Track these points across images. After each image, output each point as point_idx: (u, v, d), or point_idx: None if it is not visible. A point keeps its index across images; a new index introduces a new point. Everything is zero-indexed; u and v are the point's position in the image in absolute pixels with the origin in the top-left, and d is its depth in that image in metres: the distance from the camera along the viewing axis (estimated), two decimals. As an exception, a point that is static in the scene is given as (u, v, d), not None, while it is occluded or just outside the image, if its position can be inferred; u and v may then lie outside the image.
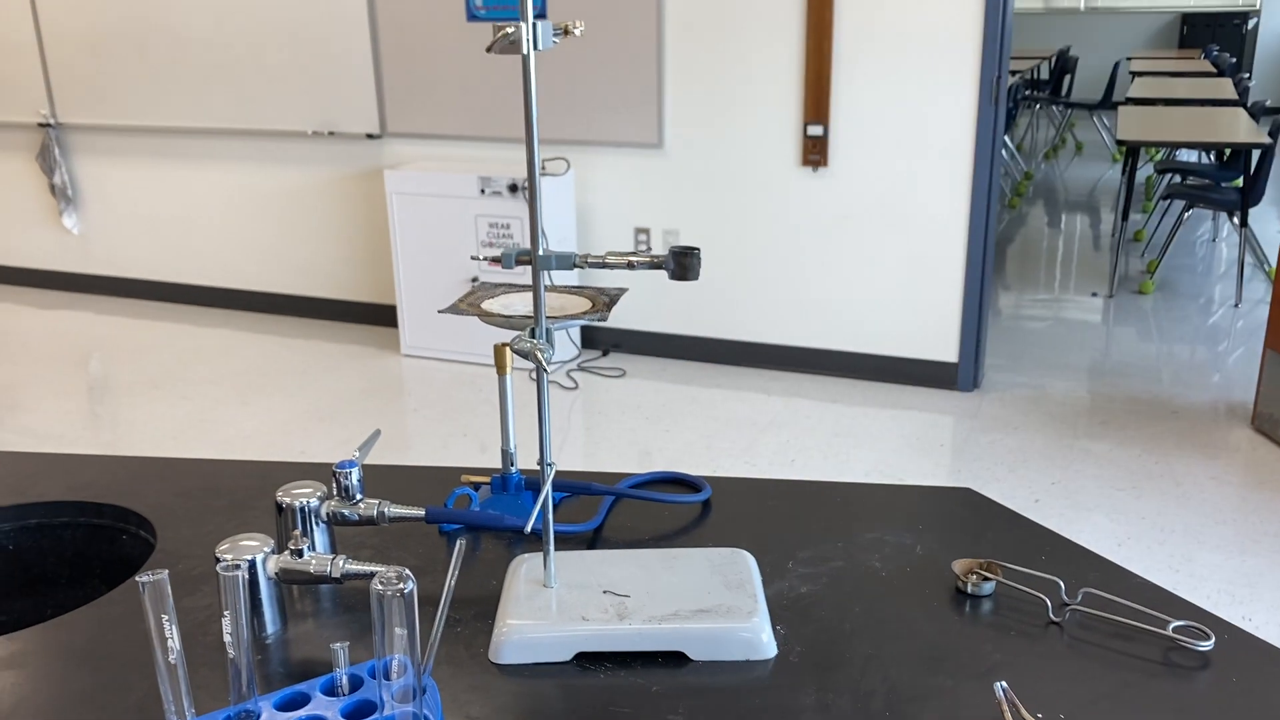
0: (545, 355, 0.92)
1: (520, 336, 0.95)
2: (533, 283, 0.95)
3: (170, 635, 0.72)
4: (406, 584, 0.70)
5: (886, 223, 4.04)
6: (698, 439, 3.71)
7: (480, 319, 1.00)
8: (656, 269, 0.95)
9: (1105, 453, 3.56)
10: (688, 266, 0.95)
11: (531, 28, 0.84)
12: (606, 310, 1.04)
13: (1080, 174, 8.51)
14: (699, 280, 4.35)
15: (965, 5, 3.72)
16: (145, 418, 4.00)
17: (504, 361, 1.16)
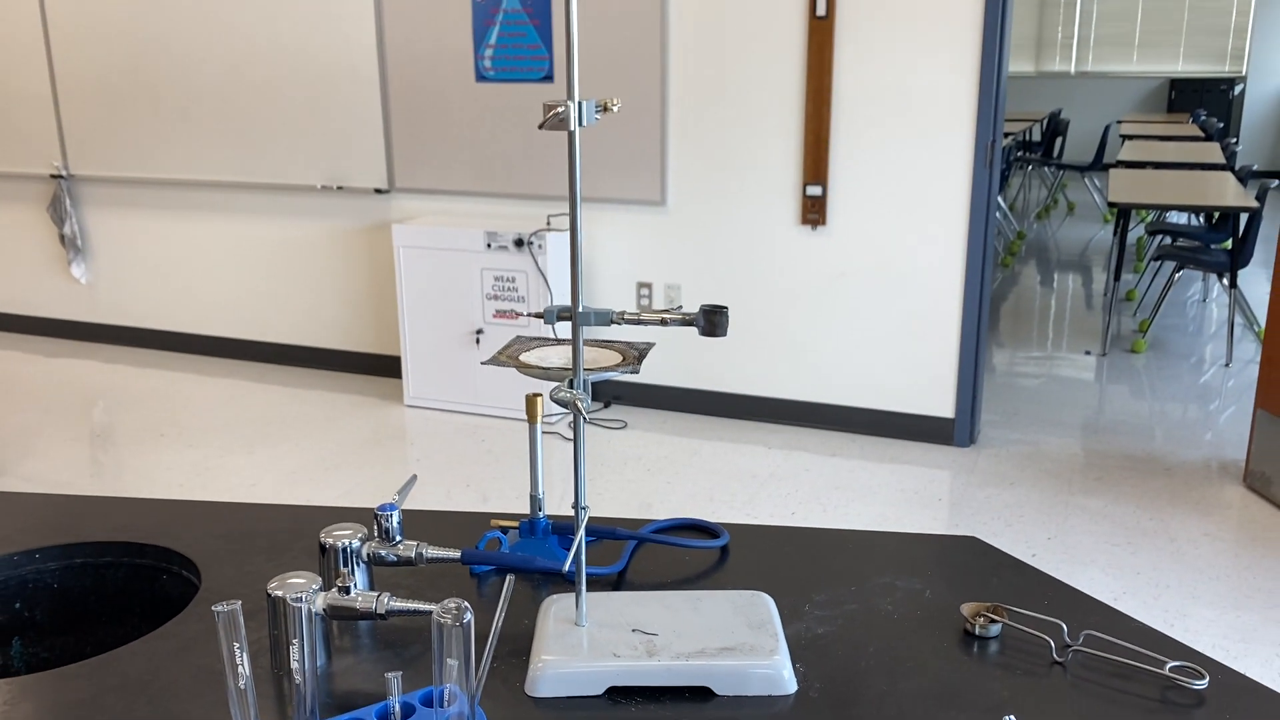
0: (584, 404, 0.99)
1: (560, 387, 1.02)
2: (572, 337, 1.02)
3: (241, 662, 0.78)
4: (465, 615, 0.75)
5: (884, 280, 4.12)
6: (699, 491, 3.76)
7: (519, 370, 1.07)
8: (688, 326, 1.02)
9: (1100, 509, 3.62)
10: (717, 323, 1.01)
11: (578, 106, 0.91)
12: (638, 364, 1.10)
13: (1072, 234, 8.65)
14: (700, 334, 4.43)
15: (961, 70, 3.84)
16: (151, 465, 4.05)
17: (535, 412, 1.22)
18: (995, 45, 3.80)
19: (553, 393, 1.01)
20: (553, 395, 1.01)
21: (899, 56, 3.91)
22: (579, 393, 1.01)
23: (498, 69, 4.45)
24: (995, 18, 3.77)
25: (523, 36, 4.37)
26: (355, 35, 4.63)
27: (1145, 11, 11.15)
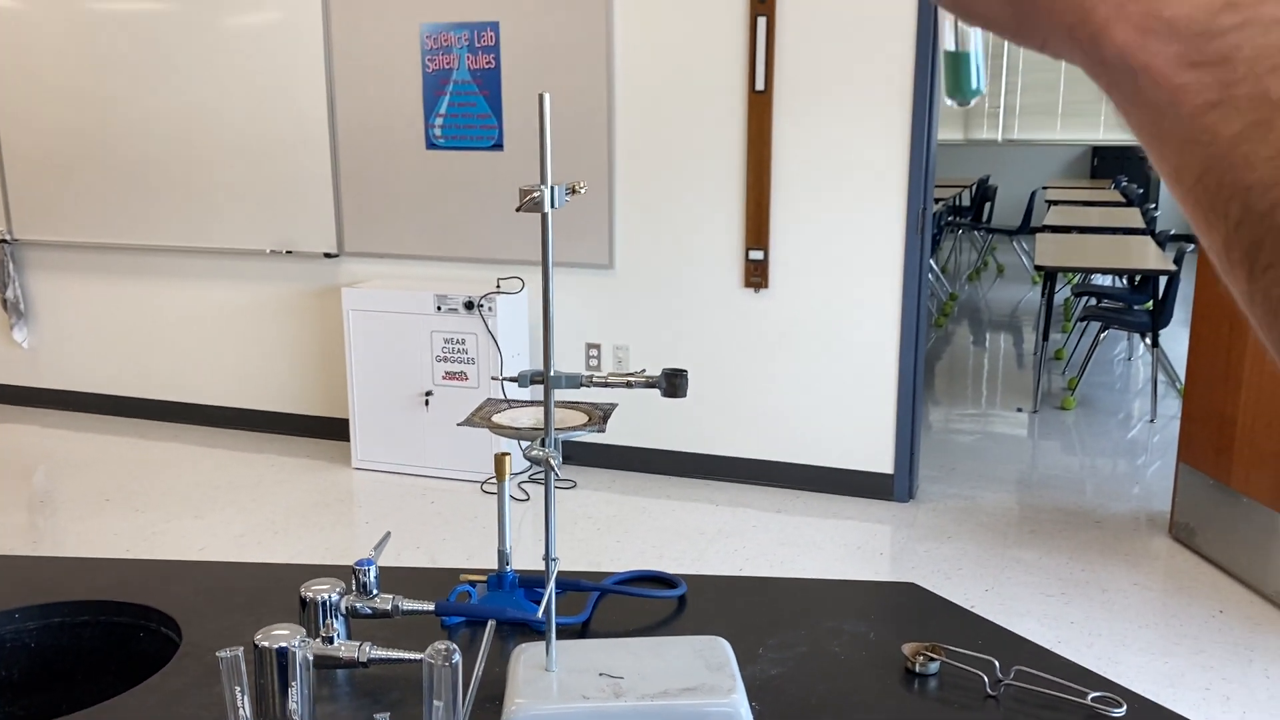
0: (556, 460, 1.06)
1: (532, 445, 1.10)
2: (544, 399, 1.10)
3: (242, 705, 0.84)
4: (454, 656, 0.82)
5: (824, 341, 4.26)
6: (649, 548, 3.83)
7: (493, 431, 1.15)
8: (651, 388, 1.11)
9: (1035, 561, 3.74)
10: (678, 385, 1.10)
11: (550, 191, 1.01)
12: (603, 423, 1.19)
13: (1002, 295, 8.93)
14: (648, 392, 4.52)
15: (892, 141, 4.02)
16: (95, 531, 4.01)
17: (504, 470, 1.29)
18: (925, 117, 3.99)
19: (526, 451, 1.09)
20: (526, 454, 1.09)
21: (834, 129, 4.08)
22: (551, 451, 1.09)
23: (448, 137, 4.55)
24: (924, 91, 3.97)
25: (473, 106, 4.48)
26: (306, 101, 4.71)
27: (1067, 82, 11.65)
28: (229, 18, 4.76)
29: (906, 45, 3.96)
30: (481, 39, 4.42)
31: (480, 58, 4.44)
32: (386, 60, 4.58)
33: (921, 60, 3.95)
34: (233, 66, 4.80)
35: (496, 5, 4.38)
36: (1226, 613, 3.37)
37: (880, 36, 3.98)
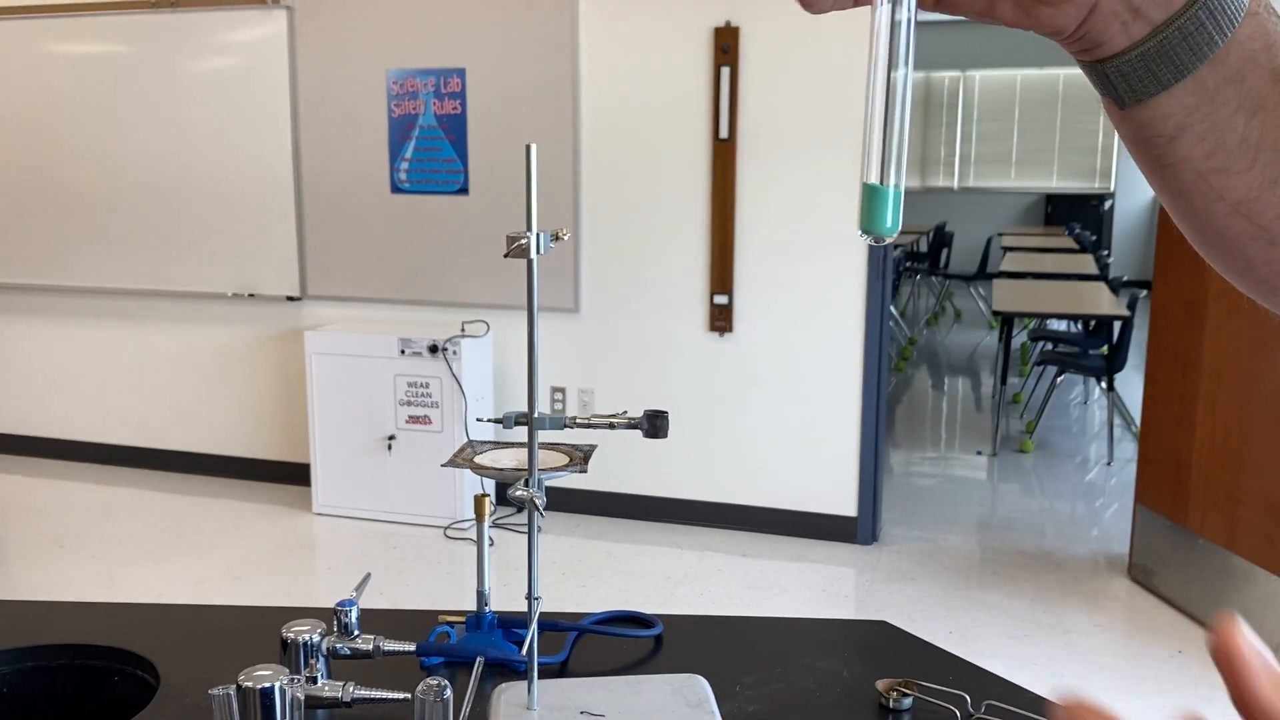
0: (540, 500, 1.08)
1: (516, 487, 1.11)
2: (528, 440, 1.12)
3: (232, 744, 0.84)
4: (445, 691, 0.83)
5: (787, 385, 4.31)
6: (614, 593, 3.82)
7: (475, 471, 1.16)
8: (634, 429, 1.13)
9: (997, 603, 3.78)
10: (659, 426, 1.13)
11: (537, 237, 1.03)
12: (584, 463, 1.21)
13: (960, 339, 9.06)
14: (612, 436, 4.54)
15: (854, 187, 4.10)
16: (50, 579, 3.94)
17: (483, 511, 1.31)
18: (886, 166, 4.07)
19: (510, 492, 1.11)
20: (510, 495, 1.10)
21: (797, 175, 4.16)
22: (535, 491, 1.11)
23: (413, 181, 4.58)
24: (885, 141, 4.05)
25: (438, 151, 4.52)
26: (270, 144, 4.72)
27: (1021, 132, 11.92)
28: (196, 61, 4.77)
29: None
30: (448, 85, 4.47)
31: (446, 103, 4.48)
32: (352, 104, 4.61)
33: (881, 110, 4.04)
34: (196, 108, 4.81)
35: (463, 52, 4.43)
36: (1185, 653, 3.42)
37: (842, 85, 4.07)
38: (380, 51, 4.53)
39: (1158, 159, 0.53)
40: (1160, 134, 0.51)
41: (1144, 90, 0.50)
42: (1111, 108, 0.53)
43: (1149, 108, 0.51)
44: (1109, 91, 0.52)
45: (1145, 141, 0.52)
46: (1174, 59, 0.49)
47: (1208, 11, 0.48)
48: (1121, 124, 0.53)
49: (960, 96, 12.07)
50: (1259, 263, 0.54)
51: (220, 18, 4.71)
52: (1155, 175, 0.54)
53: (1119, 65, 0.50)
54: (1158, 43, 0.49)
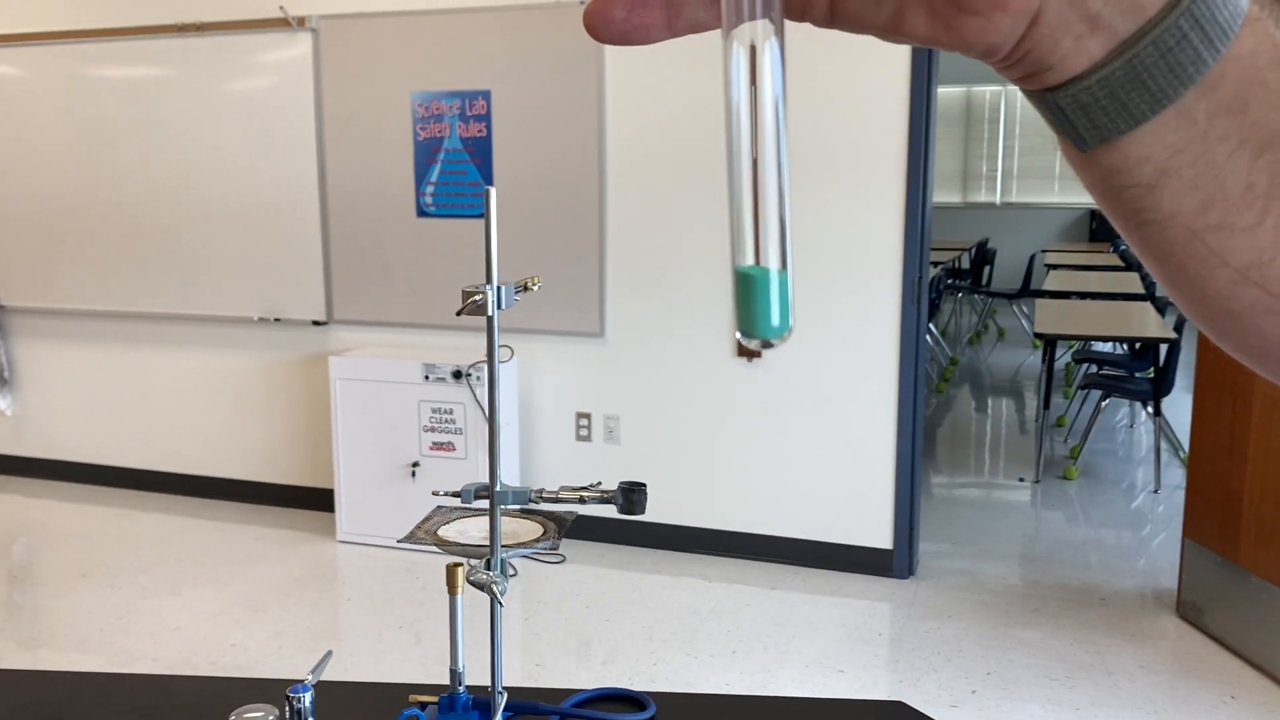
0: (500, 588, 0.97)
1: (476, 567, 1.01)
2: (489, 518, 1.01)
3: None
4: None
5: (818, 412, 4.17)
6: (638, 629, 3.71)
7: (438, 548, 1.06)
8: (606, 504, 1.02)
9: (1038, 641, 3.62)
10: (635, 502, 1.02)
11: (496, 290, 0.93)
12: (558, 538, 1.10)
13: (1003, 359, 8.86)
14: (639, 463, 4.43)
15: (887, 209, 3.97)
16: (70, 609, 3.90)
17: (455, 582, 1.20)
18: (919, 185, 3.94)
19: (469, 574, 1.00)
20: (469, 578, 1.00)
21: (827, 197, 4.03)
22: (494, 574, 1.00)
23: (439, 204, 4.51)
24: (918, 158, 3.93)
25: (464, 174, 4.45)
26: (297, 169, 4.68)
27: (1065, 146, 11.67)
28: (221, 84, 4.74)
29: (899, 114, 3.92)
30: (473, 107, 4.40)
31: (472, 126, 4.41)
32: (377, 128, 4.55)
33: (915, 128, 3.91)
34: (223, 133, 4.78)
35: (488, 74, 4.36)
36: (1239, 698, 3.24)
37: (872, 105, 3.94)
38: (405, 74, 4.47)
39: (1134, 215, 0.40)
40: (1135, 183, 0.39)
41: (1111, 126, 0.38)
42: (1070, 151, 0.40)
43: (1119, 149, 0.39)
44: (1065, 130, 0.39)
45: (1116, 193, 0.40)
46: (1149, 84, 0.37)
47: (1192, 20, 0.36)
48: (1084, 171, 0.41)
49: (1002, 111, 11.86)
50: (1278, 340, 0.42)
51: (246, 41, 4.68)
52: (1133, 235, 0.42)
53: (1076, 94, 0.38)
54: (1125, 63, 0.37)
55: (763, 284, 0.38)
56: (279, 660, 3.47)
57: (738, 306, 0.40)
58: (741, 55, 0.40)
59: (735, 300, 0.40)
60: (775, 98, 0.42)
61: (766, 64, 0.40)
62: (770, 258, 0.38)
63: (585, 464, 4.50)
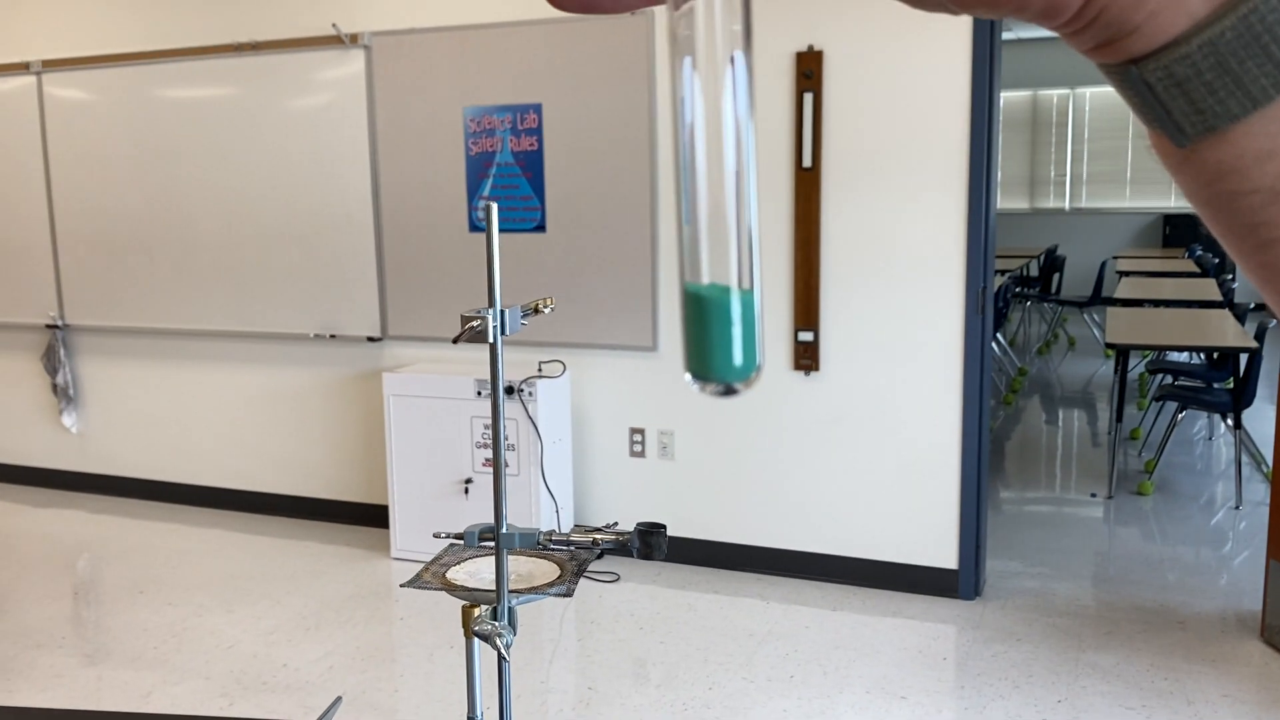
0: (505, 641, 0.90)
1: (481, 617, 0.93)
2: (496, 562, 0.94)
3: None
4: None
5: (879, 426, 4.05)
6: (694, 651, 3.61)
7: (447, 592, 0.98)
8: (623, 549, 0.94)
9: (1112, 667, 3.46)
10: (653, 545, 0.94)
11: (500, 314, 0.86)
12: (574, 580, 1.02)
13: (1074, 369, 8.60)
14: (693, 480, 4.34)
15: (949, 216, 3.84)
16: (125, 626, 3.91)
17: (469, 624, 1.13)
18: (982, 190, 3.81)
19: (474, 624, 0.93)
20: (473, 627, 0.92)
21: (887, 204, 3.92)
22: (501, 624, 0.93)
23: (490, 219, 4.46)
24: (980, 163, 3.79)
25: (515, 188, 4.41)
26: (351, 185, 4.68)
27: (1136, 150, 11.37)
28: (277, 103, 4.76)
29: (960, 116, 3.79)
30: (524, 121, 4.36)
31: (523, 139, 4.37)
32: (430, 143, 4.53)
33: (977, 131, 3.78)
34: (279, 151, 4.80)
35: (539, 87, 4.31)
36: (1329, 731, 3.05)
37: (933, 108, 3.82)
38: (457, 89, 4.45)
39: (1252, 231, 0.31)
40: (1254, 188, 0.30)
41: (1219, 110, 0.29)
42: (1164, 146, 0.31)
43: (1230, 141, 0.29)
44: (1156, 116, 0.30)
45: (1227, 201, 0.31)
46: (1273, 48, 0.27)
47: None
48: (1183, 173, 0.31)
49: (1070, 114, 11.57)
50: None
51: (301, 59, 4.70)
52: (1251, 258, 0.32)
53: (1170, 66, 0.29)
54: (1240, 20, 0.27)
55: (719, 308, 0.30)
56: (328, 681, 3.44)
57: (687, 339, 0.31)
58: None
59: (684, 331, 0.31)
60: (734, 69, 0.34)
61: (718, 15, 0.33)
62: (729, 271, 0.30)
63: (639, 481, 4.42)
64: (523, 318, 0.89)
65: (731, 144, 0.34)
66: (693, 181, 0.34)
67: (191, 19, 4.91)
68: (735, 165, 0.34)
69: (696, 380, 0.31)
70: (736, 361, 0.30)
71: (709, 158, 0.33)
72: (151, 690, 3.40)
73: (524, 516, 4.25)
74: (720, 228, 0.32)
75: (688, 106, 0.35)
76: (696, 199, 0.33)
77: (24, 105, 5.32)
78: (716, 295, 0.30)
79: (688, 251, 0.33)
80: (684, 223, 0.34)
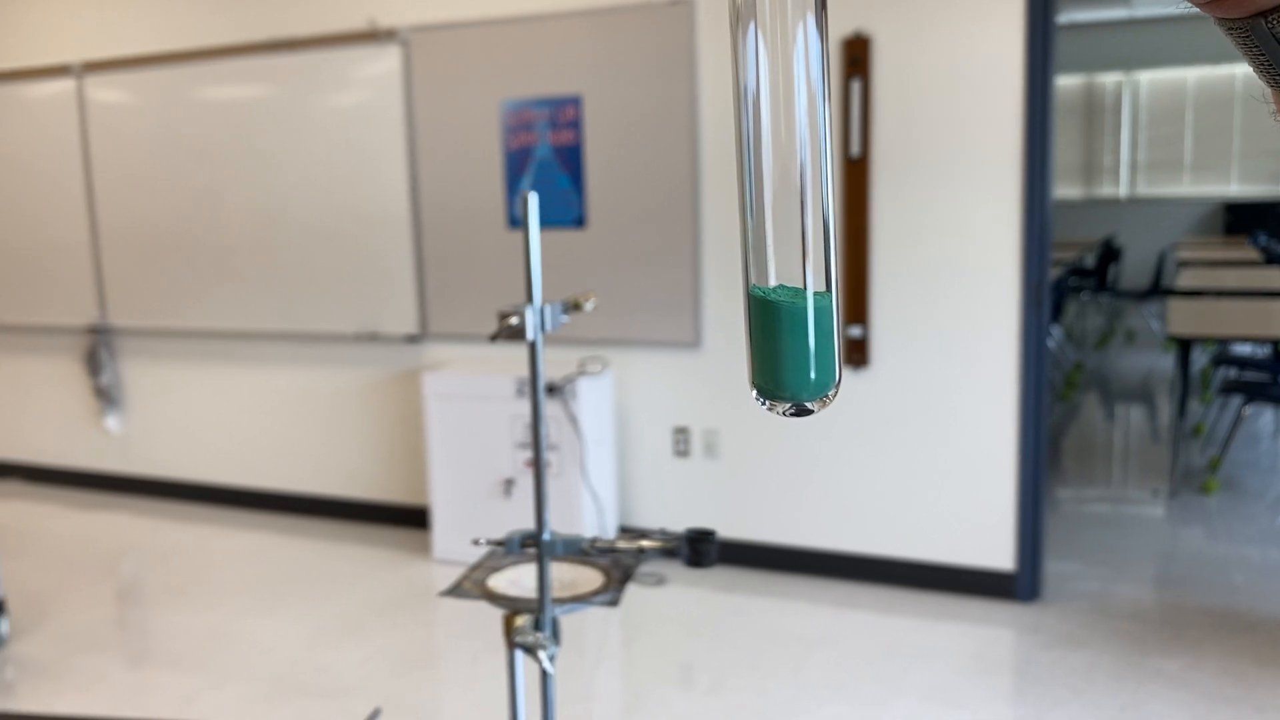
0: (549, 653, 0.81)
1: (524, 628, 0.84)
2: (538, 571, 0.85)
3: None
4: None
5: (932, 423, 3.92)
6: (742, 656, 3.51)
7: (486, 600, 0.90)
8: (670, 555, 0.85)
9: (1178, 673, 3.30)
10: (703, 553, 0.85)
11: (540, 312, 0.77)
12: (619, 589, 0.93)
13: (1132, 363, 8.37)
14: (740, 480, 4.23)
15: (1003, 207, 3.71)
16: (169, 628, 3.89)
17: (511, 631, 1.04)
18: (1037, 179, 3.66)
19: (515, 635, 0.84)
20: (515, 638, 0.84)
21: (938, 194, 3.79)
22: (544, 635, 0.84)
23: (530, 215, 4.39)
24: (1036, 153, 3.65)
25: (554, 183, 4.33)
26: (388, 183, 4.63)
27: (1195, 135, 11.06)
28: (314, 100, 4.72)
29: (1014, 103, 3.65)
30: (563, 114, 4.28)
31: (562, 133, 4.29)
32: (468, 139, 4.47)
33: (1032, 118, 3.64)
34: (316, 149, 4.76)
35: (578, 79, 4.23)
36: None
37: (986, 94, 3.68)
38: (495, 82, 4.38)
39: None
40: None
41: None
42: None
43: None
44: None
45: None
46: None
47: None
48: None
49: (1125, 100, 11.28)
50: None
51: (337, 56, 4.65)
52: None
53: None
54: None
55: (792, 315, 0.27)
56: (369, 686, 3.38)
57: (752, 351, 0.28)
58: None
59: (749, 341, 0.28)
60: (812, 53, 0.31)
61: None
62: (808, 274, 0.28)
63: (684, 481, 4.32)
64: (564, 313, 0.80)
65: (804, 113, 0.30)
66: (757, 162, 0.31)
67: (227, 16, 4.88)
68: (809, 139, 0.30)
69: (765, 398, 0.27)
70: (811, 375, 0.27)
71: (776, 130, 0.30)
72: (193, 694, 3.37)
73: (566, 518, 4.17)
74: (789, 216, 0.29)
75: (751, 72, 0.30)
76: (762, 182, 0.30)
77: (65, 108, 5.33)
78: (787, 300, 0.27)
79: (753, 247, 0.28)
80: (747, 213, 0.30)
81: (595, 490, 4.19)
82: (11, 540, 4.93)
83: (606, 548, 0.86)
